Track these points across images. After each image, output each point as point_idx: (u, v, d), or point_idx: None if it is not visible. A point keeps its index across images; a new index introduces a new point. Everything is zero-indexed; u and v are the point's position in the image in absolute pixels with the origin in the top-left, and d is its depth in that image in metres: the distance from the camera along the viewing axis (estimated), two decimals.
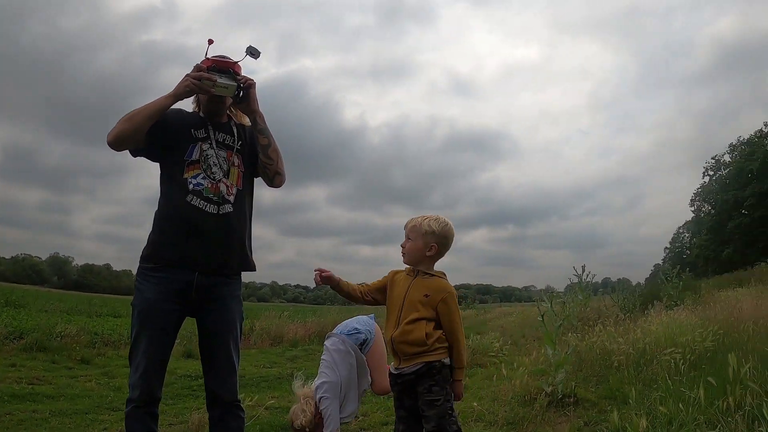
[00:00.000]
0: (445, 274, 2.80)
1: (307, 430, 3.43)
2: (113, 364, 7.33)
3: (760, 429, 2.87)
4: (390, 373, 2.79)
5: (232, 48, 2.65)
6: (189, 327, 2.74)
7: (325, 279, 2.80)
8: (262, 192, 2.88)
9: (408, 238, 2.76)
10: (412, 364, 2.62)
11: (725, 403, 3.30)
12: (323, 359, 3.58)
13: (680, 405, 3.51)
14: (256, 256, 2.80)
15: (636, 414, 3.46)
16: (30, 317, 11.74)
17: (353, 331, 3.66)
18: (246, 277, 2.83)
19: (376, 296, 2.86)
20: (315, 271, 2.81)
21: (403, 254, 2.77)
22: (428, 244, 2.72)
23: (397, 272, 2.84)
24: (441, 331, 2.66)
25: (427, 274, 2.74)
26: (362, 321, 3.75)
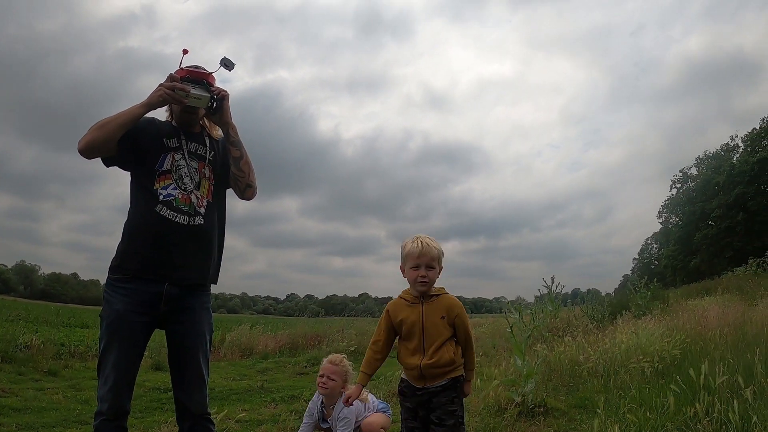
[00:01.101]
0: (443, 288, 2.88)
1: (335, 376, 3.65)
2: (81, 376, 7.18)
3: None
4: (404, 389, 2.87)
5: (208, 58, 2.65)
6: (158, 339, 2.72)
7: (356, 396, 2.90)
8: (234, 203, 2.87)
9: (430, 267, 2.76)
10: (439, 381, 2.76)
11: (693, 410, 3.36)
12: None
13: (648, 413, 3.57)
14: (228, 267, 2.79)
15: (607, 422, 3.51)
16: None
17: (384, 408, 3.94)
18: (216, 288, 2.82)
19: (390, 344, 2.91)
20: (344, 402, 2.93)
21: (425, 283, 2.77)
22: (441, 268, 2.82)
23: (393, 304, 2.89)
24: (459, 347, 2.82)
25: (432, 296, 2.80)
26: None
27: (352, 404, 2.90)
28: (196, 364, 2.60)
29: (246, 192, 2.76)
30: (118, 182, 2.87)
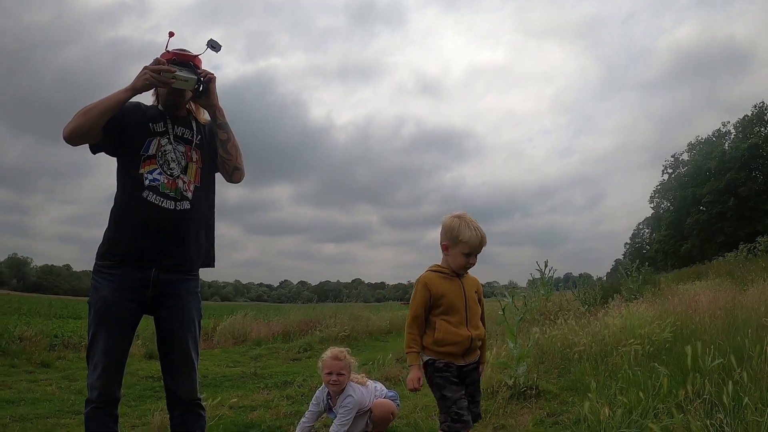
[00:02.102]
0: None
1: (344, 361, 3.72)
2: (74, 367, 7.17)
3: (719, 415, 2.96)
4: (444, 366, 2.81)
5: (199, 47, 2.61)
6: (151, 328, 2.70)
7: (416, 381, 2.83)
8: (227, 191, 2.86)
9: (476, 255, 2.85)
10: (474, 357, 2.90)
11: (684, 392, 3.39)
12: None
13: (640, 394, 3.60)
14: (220, 255, 2.78)
15: (598, 403, 3.53)
16: None
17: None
18: (209, 275, 2.82)
19: (426, 319, 2.87)
20: (411, 389, 2.84)
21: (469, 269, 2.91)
22: None
23: (430, 278, 2.87)
24: None
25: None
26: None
27: (419, 387, 2.82)
28: (185, 349, 2.60)
29: (234, 175, 2.74)
30: (108, 173, 2.87)
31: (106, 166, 2.59)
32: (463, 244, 2.78)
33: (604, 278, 17.06)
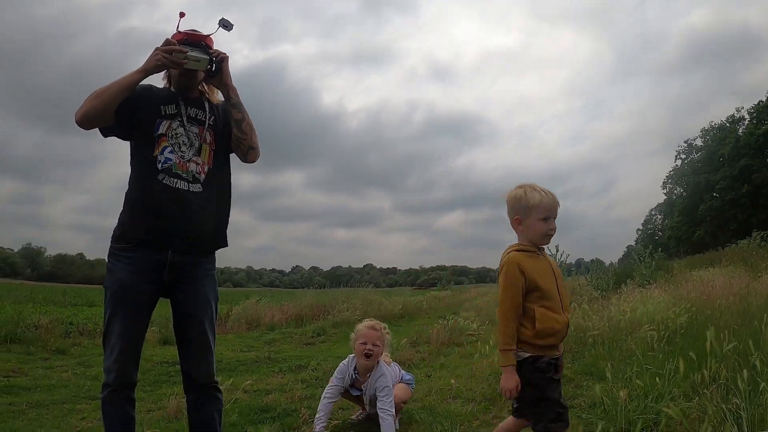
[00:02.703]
0: None
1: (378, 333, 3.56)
2: (89, 353, 7.24)
3: (735, 400, 2.93)
4: (546, 365, 2.42)
5: (210, 30, 2.58)
6: (165, 313, 2.70)
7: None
8: (238, 176, 2.83)
9: (554, 218, 2.54)
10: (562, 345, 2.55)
11: (700, 377, 3.36)
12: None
13: (656, 379, 3.57)
14: (233, 242, 2.76)
15: (614, 387, 3.51)
16: (3, 310, 11.53)
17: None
18: (222, 262, 2.80)
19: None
20: (509, 397, 2.48)
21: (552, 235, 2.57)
22: None
23: (520, 258, 2.48)
24: None
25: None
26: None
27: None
28: (202, 331, 2.59)
29: (249, 154, 2.71)
30: (121, 161, 2.87)
31: (119, 153, 2.59)
32: (536, 208, 2.48)
33: (616, 264, 16.91)
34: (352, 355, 3.62)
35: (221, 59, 2.57)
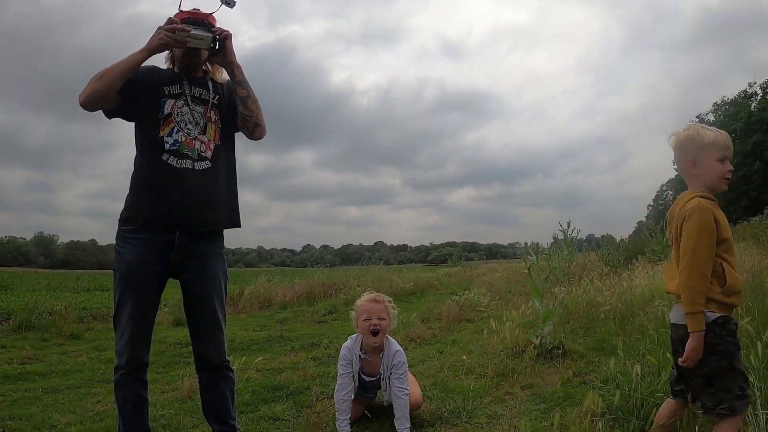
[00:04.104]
0: None
1: (384, 305, 3.26)
2: (104, 337, 7.29)
3: (749, 378, 2.90)
4: (736, 327, 2.19)
5: (212, 8, 2.55)
6: (178, 295, 2.70)
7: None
8: (250, 158, 2.84)
9: (729, 160, 2.27)
10: None
11: None
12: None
13: (668, 355, 3.54)
14: (244, 222, 2.75)
15: (627, 362, 3.49)
16: (17, 298, 11.65)
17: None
18: (233, 242, 2.80)
19: None
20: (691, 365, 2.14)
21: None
22: None
23: (709, 206, 2.22)
24: None
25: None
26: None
27: None
28: (212, 311, 2.59)
29: (255, 132, 2.69)
30: (131, 146, 2.85)
31: (130, 138, 2.57)
32: (711, 147, 2.23)
33: (626, 240, 16.81)
34: (355, 334, 3.34)
35: (224, 37, 2.54)
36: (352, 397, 3.20)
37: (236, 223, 2.71)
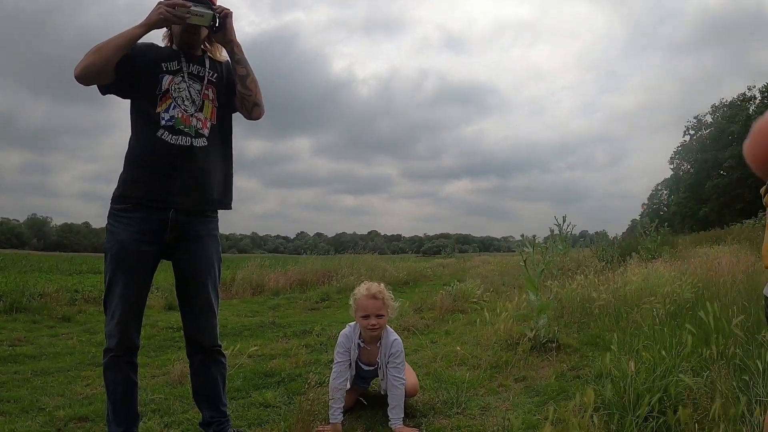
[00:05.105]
0: None
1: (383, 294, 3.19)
2: (95, 320, 7.24)
3: (744, 377, 2.89)
4: None
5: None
6: (170, 279, 2.66)
7: None
8: (247, 144, 2.79)
9: None
10: None
11: (709, 351, 3.32)
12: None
13: (662, 352, 3.54)
14: (238, 208, 2.72)
15: (622, 358, 3.48)
16: (8, 280, 11.59)
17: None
18: (227, 228, 2.76)
19: None
20: None
21: None
22: None
23: None
24: None
25: None
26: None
27: None
28: (205, 293, 2.55)
29: (253, 111, 2.65)
30: (129, 129, 2.80)
31: (127, 121, 2.52)
32: None
33: (620, 237, 16.85)
34: (354, 322, 3.29)
35: (225, 15, 2.49)
36: (348, 386, 3.15)
37: (228, 205, 2.67)
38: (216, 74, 2.60)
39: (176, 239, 2.47)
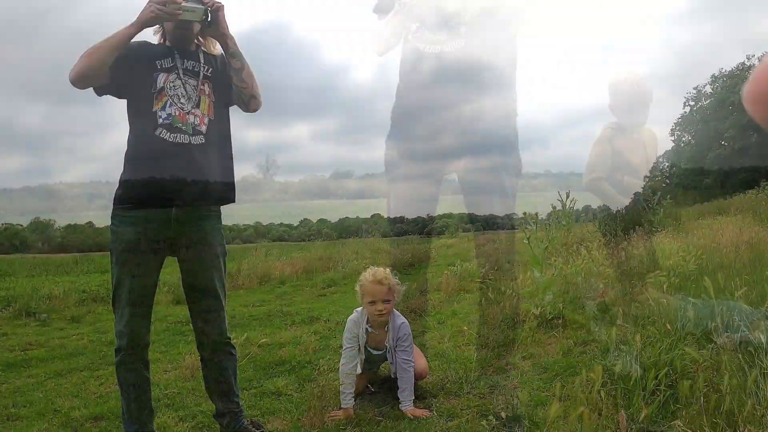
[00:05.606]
0: None
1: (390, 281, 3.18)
2: (104, 319, 7.27)
3: (749, 349, 2.91)
4: None
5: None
6: (177, 275, 2.69)
7: None
8: (246, 133, 2.77)
9: None
10: None
11: (713, 324, 3.33)
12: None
13: (668, 325, 3.56)
14: (239, 198, 2.72)
15: (627, 332, 3.50)
16: (16, 284, 11.62)
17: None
18: (229, 219, 2.76)
19: None
20: None
21: None
22: None
23: None
24: None
25: None
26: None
27: None
28: (212, 288, 2.58)
29: (250, 104, 2.66)
30: (127, 128, 2.82)
31: (125, 120, 2.53)
32: None
33: (623, 211, 16.74)
34: (361, 308, 3.28)
35: (216, 8, 2.49)
36: (359, 370, 3.18)
37: (231, 199, 2.69)
38: (211, 69, 2.61)
39: (180, 236, 2.49)
